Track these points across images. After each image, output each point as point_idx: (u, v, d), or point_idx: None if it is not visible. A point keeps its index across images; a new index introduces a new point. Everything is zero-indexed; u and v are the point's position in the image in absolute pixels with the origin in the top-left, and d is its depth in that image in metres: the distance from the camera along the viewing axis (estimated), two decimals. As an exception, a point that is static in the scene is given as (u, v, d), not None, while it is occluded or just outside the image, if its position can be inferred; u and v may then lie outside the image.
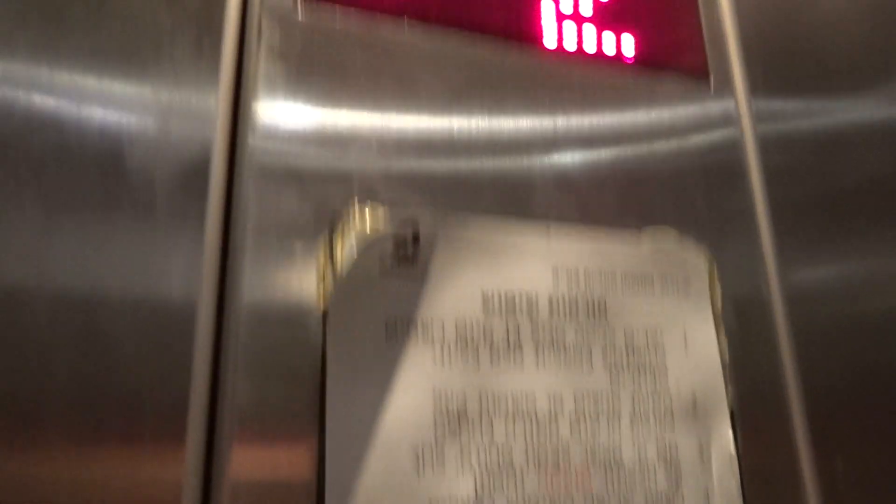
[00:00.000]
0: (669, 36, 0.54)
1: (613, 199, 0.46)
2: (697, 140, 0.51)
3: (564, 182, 0.46)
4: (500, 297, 0.41)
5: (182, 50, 0.39)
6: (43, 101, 0.36)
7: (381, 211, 0.39)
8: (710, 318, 0.46)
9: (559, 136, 0.47)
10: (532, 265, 0.42)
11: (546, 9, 0.50)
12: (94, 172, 0.35)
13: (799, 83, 0.58)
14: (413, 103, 0.43)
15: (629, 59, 0.51)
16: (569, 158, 0.47)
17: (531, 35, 0.49)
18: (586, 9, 0.51)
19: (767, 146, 0.53)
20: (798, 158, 0.55)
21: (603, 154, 0.48)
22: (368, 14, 0.44)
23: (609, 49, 0.51)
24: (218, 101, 0.39)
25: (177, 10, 0.39)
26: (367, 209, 0.39)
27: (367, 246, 0.38)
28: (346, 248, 0.38)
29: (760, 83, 0.55)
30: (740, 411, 0.45)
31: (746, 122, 0.54)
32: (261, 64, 0.40)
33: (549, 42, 0.49)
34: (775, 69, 0.57)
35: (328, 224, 0.39)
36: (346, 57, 0.43)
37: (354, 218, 0.39)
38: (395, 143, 0.42)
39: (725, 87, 0.54)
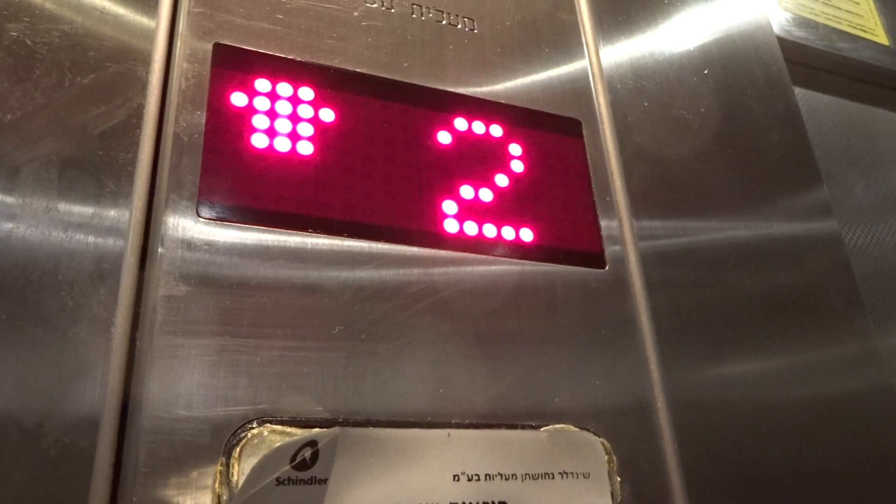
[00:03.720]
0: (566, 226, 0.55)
1: (514, 394, 0.47)
2: (591, 326, 0.52)
3: (467, 380, 0.46)
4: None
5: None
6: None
7: (280, 428, 0.39)
8: (610, 504, 0.46)
9: (462, 332, 0.48)
10: (432, 472, 0.41)
11: (448, 208, 0.51)
12: None
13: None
14: (314, 315, 0.44)
15: (525, 244, 0.53)
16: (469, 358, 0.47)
17: (433, 238, 0.50)
18: (484, 202, 0.53)
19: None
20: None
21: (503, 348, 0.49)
22: (272, 230, 0.45)
23: (507, 234, 0.52)
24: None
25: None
26: (265, 429, 0.39)
27: (265, 458, 0.38)
28: (243, 467, 0.38)
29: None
30: None
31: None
32: (161, 280, 0.41)
33: (451, 241, 0.50)
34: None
35: (224, 447, 0.38)
36: (247, 272, 0.43)
37: (253, 439, 0.39)
38: (295, 356, 0.42)
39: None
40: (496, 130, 0.56)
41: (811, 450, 0.57)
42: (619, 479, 0.47)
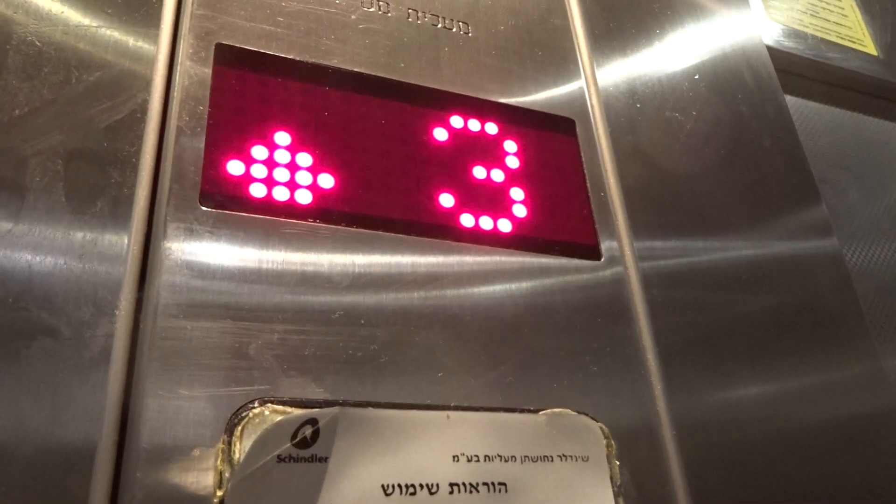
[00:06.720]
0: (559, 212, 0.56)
1: (513, 380, 0.48)
2: (588, 314, 0.53)
3: (465, 366, 0.47)
4: (400, 488, 0.40)
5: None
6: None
7: (281, 408, 0.40)
8: (610, 490, 0.45)
9: (459, 319, 0.48)
10: (432, 453, 0.42)
11: (445, 201, 0.52)
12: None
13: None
14: (314, 300, 0.45)
15: (521, 235, 0.54)
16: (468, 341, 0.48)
17: (430, 229, 0.51)
18: (481, 195, 0.54)
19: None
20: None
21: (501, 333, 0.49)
22: (272, 218, 0.46)
23: (503, 226, 0.53)
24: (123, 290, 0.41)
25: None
26: (266, 409, 0.40)
27: (266, 434, 0.38)
28: (245, 445, 0.38)
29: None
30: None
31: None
32: (164, 266, 0.42)
33: (448, 232, 0.51)
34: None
35: (227, 426, 0.39)
36: (248, 258, 0.44)
37: (255, 418, 0.39)
38: (295, 340, 0.43)
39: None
40: (491, 128, 0.57)
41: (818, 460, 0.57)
42: (618, 464, 0.47)
